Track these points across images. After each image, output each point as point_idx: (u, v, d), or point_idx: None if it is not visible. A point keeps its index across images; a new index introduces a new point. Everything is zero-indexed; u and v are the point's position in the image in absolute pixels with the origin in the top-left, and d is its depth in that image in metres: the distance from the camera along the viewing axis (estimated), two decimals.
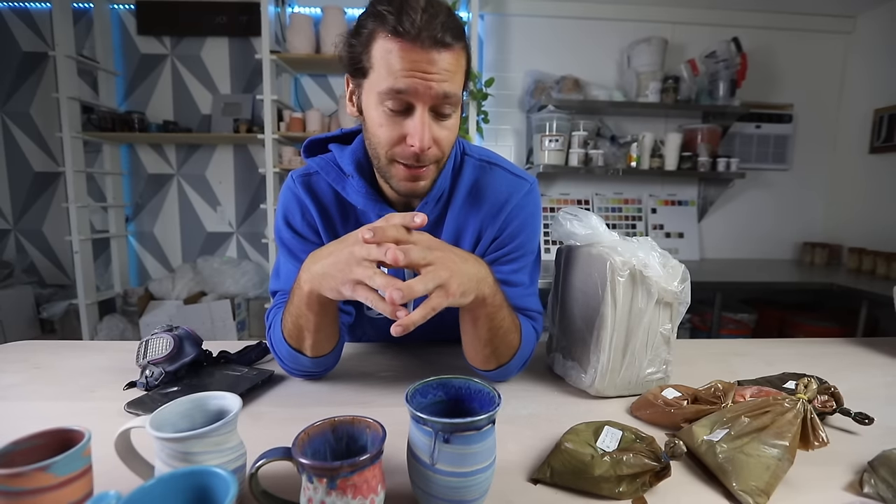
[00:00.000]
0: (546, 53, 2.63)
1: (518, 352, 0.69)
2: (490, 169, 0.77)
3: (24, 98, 2.61)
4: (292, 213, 0.75)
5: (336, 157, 0.73)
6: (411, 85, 0.58)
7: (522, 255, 0.75)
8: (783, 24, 2.68)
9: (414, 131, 0.60)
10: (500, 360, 0.68)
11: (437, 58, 0.58)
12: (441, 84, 0.59)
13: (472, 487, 0.41)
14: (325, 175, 0.73)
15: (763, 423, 0.50)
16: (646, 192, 2.78)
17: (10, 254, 2.72)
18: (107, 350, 0.86)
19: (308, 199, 0.74)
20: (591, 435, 0.53)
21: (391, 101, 0.60)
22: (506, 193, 0.75)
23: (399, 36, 0.57)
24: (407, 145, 0.62)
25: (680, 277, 0.68)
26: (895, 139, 2.45)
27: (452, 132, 0.66)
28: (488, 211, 0.75)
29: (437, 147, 0.63)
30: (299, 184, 0.75)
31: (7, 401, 0.66)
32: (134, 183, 2.73)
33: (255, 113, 2.61)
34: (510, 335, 0.66)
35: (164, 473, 0.35)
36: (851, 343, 0.98)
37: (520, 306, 0.73)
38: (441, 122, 0.63)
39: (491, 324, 0.63)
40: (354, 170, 0.71)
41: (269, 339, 0.72)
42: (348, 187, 0.72)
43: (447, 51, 0.58)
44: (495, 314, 0.62)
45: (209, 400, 0.46)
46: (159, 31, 2.59)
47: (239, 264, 2.69)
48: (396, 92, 0.59)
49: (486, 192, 0.75)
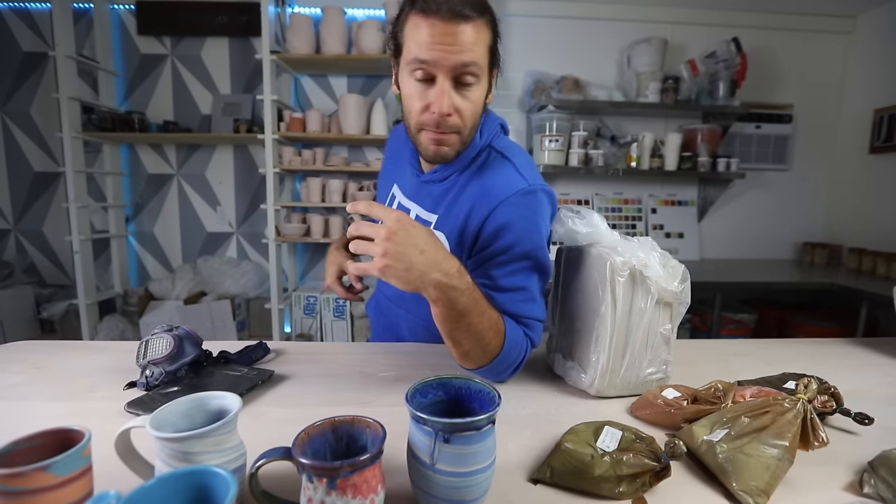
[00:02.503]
0: (546, 53, 2.64)
1: (498, 357, 0.67)
2: (500, 161, 0.78)
3: (24, 98, 2.61)
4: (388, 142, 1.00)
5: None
6: (432, 56, 0.65)
7: (513, 260, 0.71)
8: (783, 24, 2.68)
9: (435, 98, 0.67)
10: (477, 361, 0.67)
11: (456, 30, 0.64)
12: (460, 55, 0.65)
13: (472, 487, 0.41)
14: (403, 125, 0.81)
15: (763, 424, 0.50)
16: (646, 193, 2.78)
17: (10, 254, 2.72)
18: (107, 350, 0.86)
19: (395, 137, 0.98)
20: (591, 435, 0.53)
21: (417, 70, 0.67)
22: (500, 186, 0.73)
23: (424, 11, 0.64)
24: (430, 112, 0.68)
25: (680, 277, 0.68)
26: (895, 139, 2.45)
27: (475, 105, 0.71)
28: (478, 197, 0.74)
29: (457, 116, 0.69)
30: (396, 128, 1.00)
31: (7, 401, 0.66)
32: (134, 183, 2.73)
33: (255, 113, 2.61)
34: (484, 339, 0.65)
35: (164, 473, 0.35)
36: (851, 343, 0.98)
37: (512, 312, 0.70)
38: (463, 93, 0.68)
39: (454, 325, 0.62)
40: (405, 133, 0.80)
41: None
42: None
43: (467, 23, 0.64)
44: (458, 317, 0.62)
45: (209, 400, 0.46)
46: (159, 31, 2.59)
47: (239, 264, 2.69)
48: (421, 62, 0.66)
49: (484, 178, 0.76)
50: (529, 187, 0.73)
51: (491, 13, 0.68)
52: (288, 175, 2.65)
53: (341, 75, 2.65)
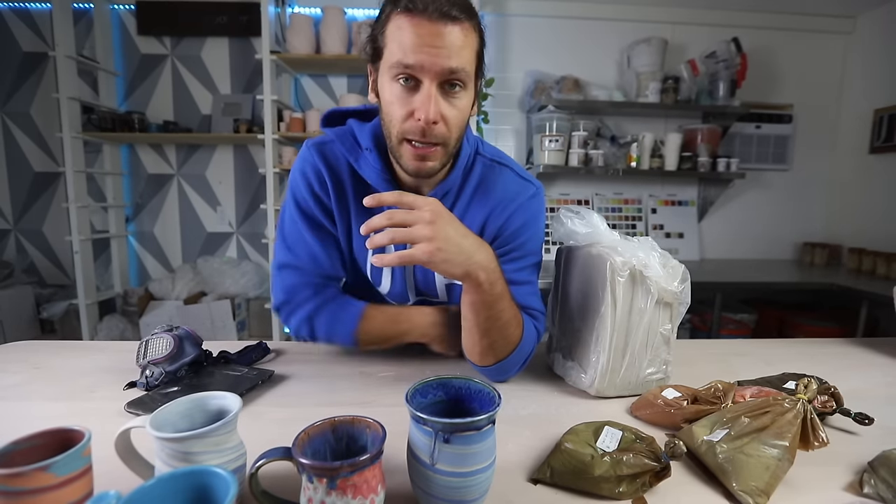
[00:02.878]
0: (546, 53, 2.63)
1: (518, 348, 0.69)
2: (499, 169, 0.78)
3: (24, 98, 2.60)
4: (310, 177, 0.74)
5: (355, 131, 0.74)
6: (418, 59, 0.60)
7: (524, 256, 0.76)
8: (783, 24, 2.68)
9: (420, 105, 0.62)
10: (497, 355, 0.68)
11: (444, 31, 0.59)
12: (447, 59, 0.60)
13: (472, 487, 0.41)
14: (340, 144, 0.74)
15: (763, 424, 0.50)
16: (646, 193, 2.78)
17: (10, 254, 2.72)
18: (107, 350, 0.86)
19: (324, 168, 0.74)
20: (591, 435, 0.53)
21: (400, 75, 0.62)
22: (512, 193, 0.76)
23: (408, 11, 0.59)
24: (415, 119, 0.63)
25: (680, 277, 0.68)
26: (895, 139, 2.45)
27: (461, 112, 0.66)
28: (493, 208, 0.76)
29: (444, 124, 0.64)
30: (315, 152, 0.75)
31: (7, 401, 0.66)
32: (134, 183, 2.73)
33: (255, 113, 2.61)
34: (510, 328, 0.67)
35: (164, 473, 0.35)
36: (851, 343, 0.98)
37: (524, 304, 0.73)
38: (449, 100, 0.64)
39: (489, 312, 0.63)
40: (373, 145, 0.72)
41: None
42: (362, 161, 0.73)
43: (455, 24, 0.60)
44: (494, 303, 0.63)
45: (209, 400, 0.46)
46: (159, 32, 2.59)
47: (239, 264, 2.69)
48: (405, 66, 0.60)
49: (493, 190, 0.76)
50: (536, 189, 0.78)
51: (478, 17, 0.65)
52: (288, 175, 2.65)
53: (341, 75, 2.65)
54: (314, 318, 0.74)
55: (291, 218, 0.76)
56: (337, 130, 0.75)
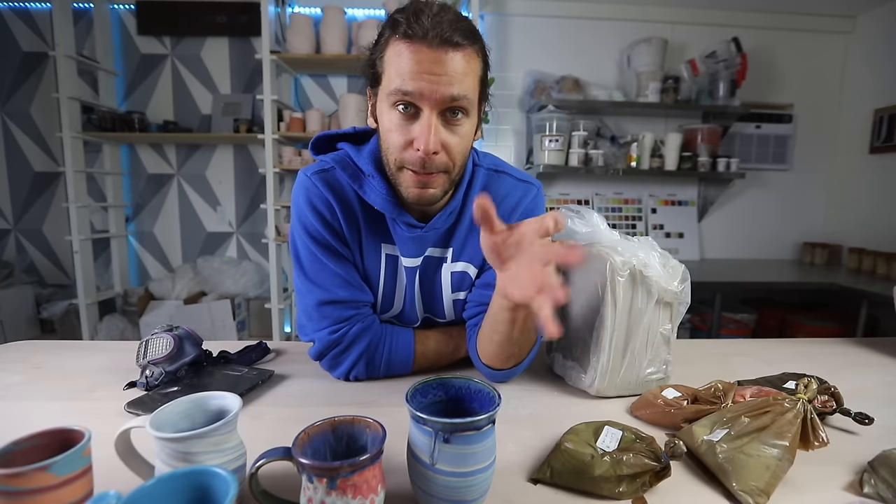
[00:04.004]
0: (546, 53, 2.63)
1: (531, 352, 0.71)
2: (498, 177, 0.78)
3: (24, 98, 2.60)
4: (319, 207, 0.70)
5: (353, 157, 0.71)
6: (417, 87, 0.57)
7: None
8: (783, 24, 2.68)
9: (419, 135, 0.59)
10: (518, 357, 0.70)
11: (445, 58, 0.57)
12: (449, 87, 0.58)
13: (472, 487, 0.41)
14: (341, 171, 0.70)
15: (763, 423, 0.50)
16: (646, 192, 2.78)
17: (10, 254, 2.72)
18: (107, 350, 0.86)
19: (331, 196, 0.70)
20: (591, 435, 0.53)
21: (399, 102, 0.59)
22: (516, 198, 0.77)
23: (408, 38, 0.57)
24: (414, 149, 0.60)
25: (680, 277, 0.68)
26: (895, 139, 2.45)
27: (464, 140, 0.63)
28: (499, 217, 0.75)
29: (445, 154, 0.61)
30: (318, 180, 0.71)
31: (7, 401, 0.66)
32: (134, 183, 2.73)
33: (255, 113, 2.61)
34: (533, 333, 0.68)
35: (164, 473, 0.35)
36: (851, 343, 0.98)
37: None
38: (451, 129, 0.61)
39: (525, 324, 0.63)
40: (375, 170, 0.69)
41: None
42: (367, 187, 0.70)
43: (456, 51, 0.58)
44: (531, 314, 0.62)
45: (209, 400, 0.46)
46: (159, 31, 2.59)
47: (239, 264, 2.69)
48: (403, 93, 0.58)
49: (496, 200, 0.74)
50: (537, 189, 0.79)
51: (481, 41, 0.62)
52: (288, 175, 2.65)
53: (341, 75, 2.65)
54: (373, 354, 0.72)
55: (310, 253, 0.71)
56: (334, 157, 0.72)
